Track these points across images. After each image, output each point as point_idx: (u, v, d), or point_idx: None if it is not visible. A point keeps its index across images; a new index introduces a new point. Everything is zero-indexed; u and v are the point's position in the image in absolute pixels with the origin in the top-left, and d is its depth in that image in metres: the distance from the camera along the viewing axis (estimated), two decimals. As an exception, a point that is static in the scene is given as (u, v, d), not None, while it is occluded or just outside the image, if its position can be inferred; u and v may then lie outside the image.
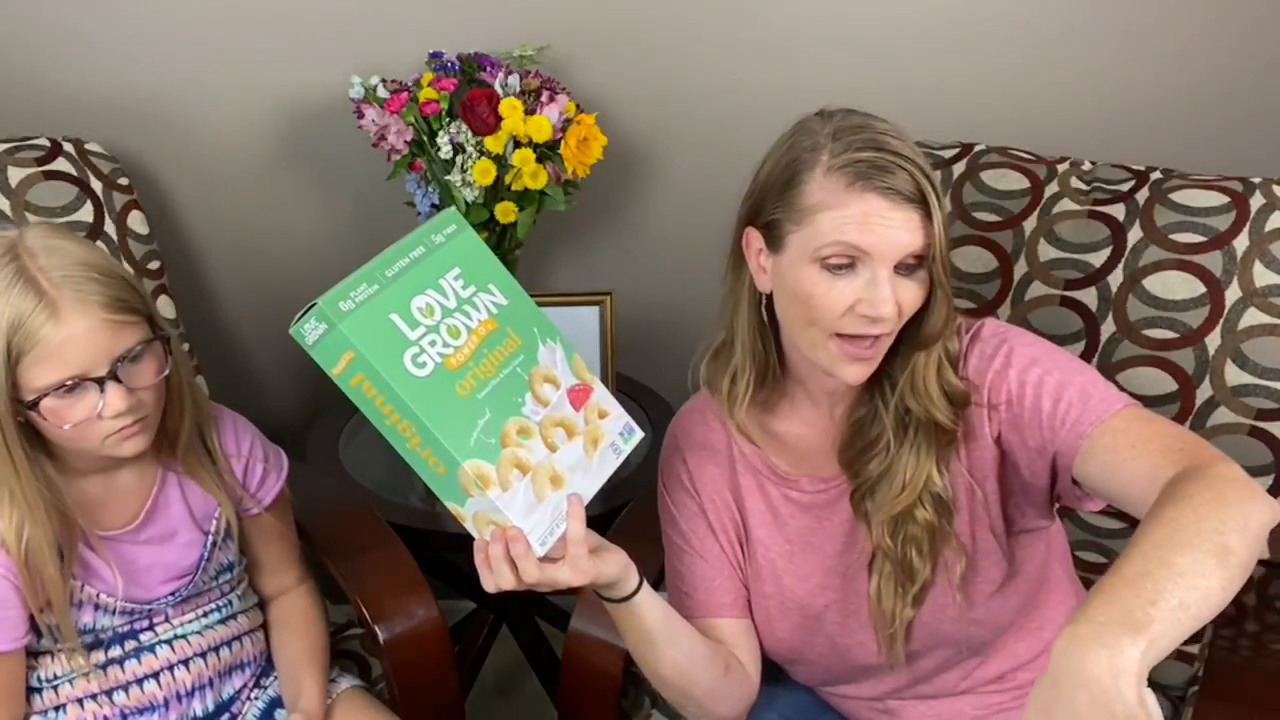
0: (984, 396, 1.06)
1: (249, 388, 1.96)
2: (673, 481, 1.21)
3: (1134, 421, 0.99)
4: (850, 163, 1.00)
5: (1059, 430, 1.01)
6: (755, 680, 1.19)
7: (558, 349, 1.01)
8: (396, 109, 1.61)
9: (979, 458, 1.08)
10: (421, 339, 0.91)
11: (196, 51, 1.75)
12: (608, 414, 1.03)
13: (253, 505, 1.28)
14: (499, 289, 0.99)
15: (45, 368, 1.04)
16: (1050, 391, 1.02)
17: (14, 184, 1.55)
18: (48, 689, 1.21)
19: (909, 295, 1.02)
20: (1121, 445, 0.97)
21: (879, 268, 1.00)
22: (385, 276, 0.92)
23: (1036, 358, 1.05)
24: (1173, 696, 1.39)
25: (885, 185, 0.99)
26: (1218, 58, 1.79)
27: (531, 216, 1.67)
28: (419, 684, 1.36)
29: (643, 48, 1.81)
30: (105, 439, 1.09)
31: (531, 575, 0.94)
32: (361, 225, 1.89)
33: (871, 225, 0.99)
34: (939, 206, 1.00)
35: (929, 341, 1.05)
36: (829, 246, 1.00)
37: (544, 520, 0.95)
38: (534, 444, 0.96)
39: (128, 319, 1.07)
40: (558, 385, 0.99)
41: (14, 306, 1.02)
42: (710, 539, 1.18)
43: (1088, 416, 1.00)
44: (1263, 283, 1.35)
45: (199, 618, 1.27)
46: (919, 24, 1.78)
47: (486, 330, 0.96)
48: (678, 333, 2.01)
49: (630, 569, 1.03)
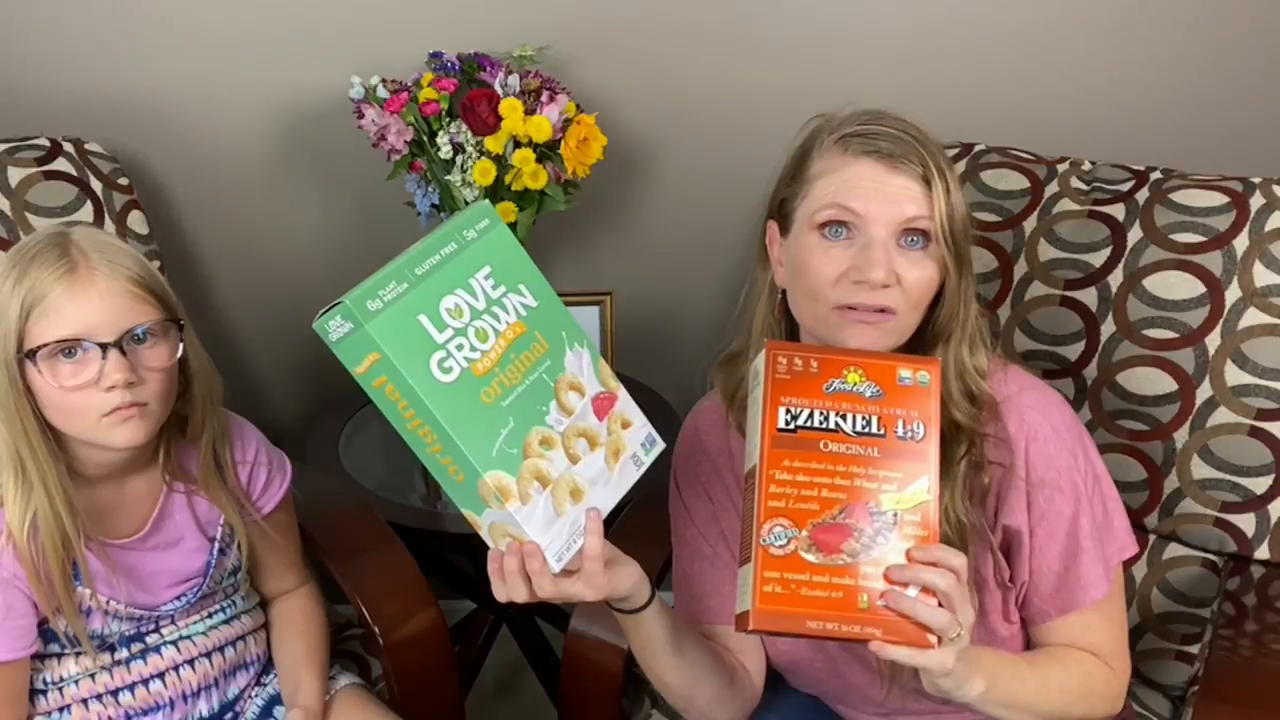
0: (1022, 466, 1.05)
1: (249, 387, 1.96)
2: (686, 484, 1.19)
3: (1095, 618, 1.09)
4: (852, 133, 1.01)
5: (1048, 592, 1.08)
6: (759, 687, 1.18)
7: (585, 354, 0.97)
8: (396, 109, 1.61)
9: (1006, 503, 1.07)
10: (449, 342, 0.88)
11: (196, 51, 1.75)
12: (631, 424, 0.99)
13: (256, 511, 1.27)
14: (529, 290, 0.95)
15: (50, 322, 1.04)
16: (1058, 552, 1.07)
17: (14, 184, 1.55)
18: (53, 690, 1.21)
19: (913, 271, 1.00)
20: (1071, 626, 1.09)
21: (874, 231, 0.99)
22: (415, 274, 0.88)
23: (1075, 486, 1.07)
24: (1173, 696, 1.39)
25: (880, 150, 0.99)
26: (1218, 57, 1.79)
27: (531, 216, 1.67)
28: (419, 684, 1.36)
29: (643, 48, 1.81)
30: (101, 417, 1.07)
31: (546, 590, 0.92)
32: (361, 225, 1.89)
33: (865, 187, 1.00)
34: (947, 184, 0.99)
35: (942, 332, 1.03)
36: (823, 210, 1.01)
37: (562, 535, 0.92)
38: (556, 455, 0.93)
39: (145, 296, 1.08)
40: (583, 393, 0.96)
41: (37, 264, 1.05)
42: (722, 545, 1.17)
43: (1073, 598, 1.07)
44: (1263, 283, 1.35)
45: (204, 619, 1.28)
46: (919, 24, 1.78)
47: (515, 334, 0.93)
48: (678, 333, 2.02)
49: (643, 582, 1.01)
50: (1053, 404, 1.09)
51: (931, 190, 0.99)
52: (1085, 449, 1.09)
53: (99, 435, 1.09)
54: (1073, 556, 1.06)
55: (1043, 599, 1.09)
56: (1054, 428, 1.06)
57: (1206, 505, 1.39)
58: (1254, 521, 1.37)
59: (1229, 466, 1.36)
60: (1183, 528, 1.41)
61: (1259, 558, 1.38)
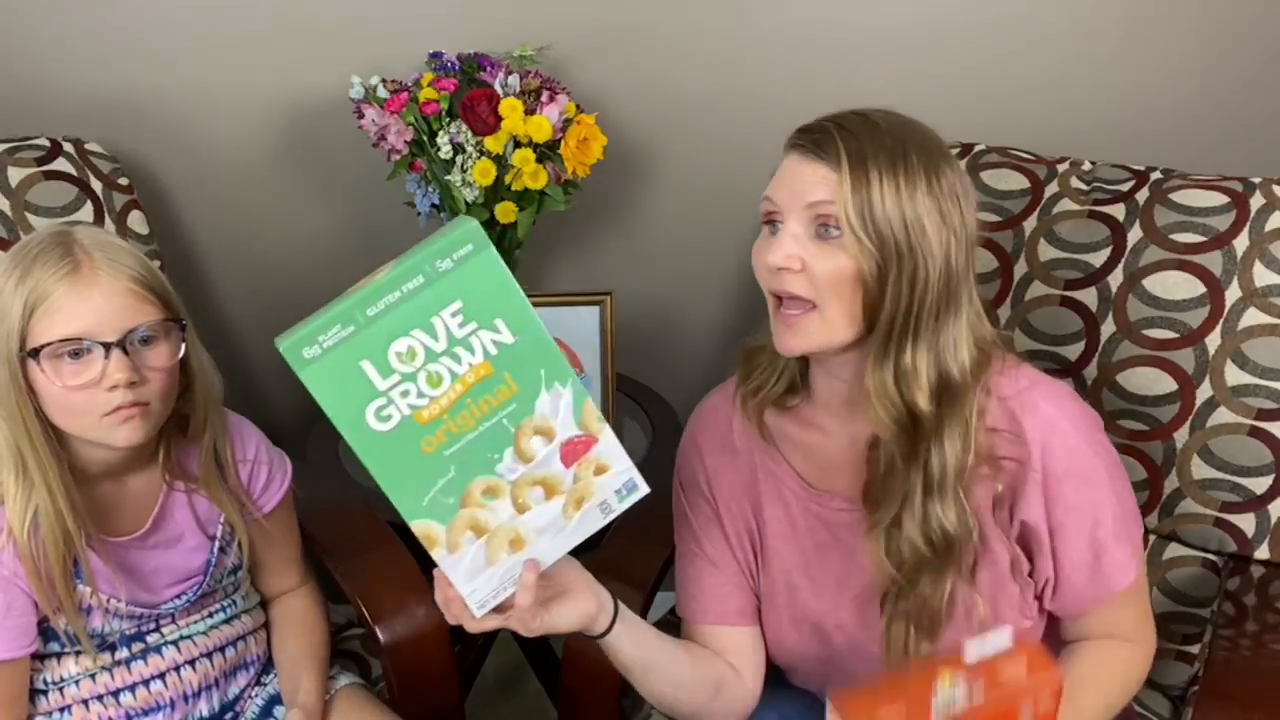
0: (1036, 460, 1.04)
1: (249, 387, 1.96)
2: (689, 482, 1.19)
3: (1127, 599, 1.10)
4: (797, 129, 1.02)
5: (1083, 582, 1.08)
6: (754, 691, 1.18)
7: (565, 395, 0.90)
8: (396, 109, 1.61)
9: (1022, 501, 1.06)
10: (392, 389, 0.85)
11: (196, 51, 1.75)
12: (607, 469, 0.94)
13: (257, 510, 1.27)
14: (508, 324, 0.87)
15: (54, 320, 1.05)
16: (1088, 543, 1.07)
17: (14, 184, 1.55)
18: (53, 690, 1.21)
19: (822, 260, 0.98)
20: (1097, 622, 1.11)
21: (786, 220, 1.00)
22: (365, 316, 0.83)
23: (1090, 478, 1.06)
24: (1173, 696, 1.39)
25: (803, 142, 1.00)
26: (1218, 57, 1.79)
27: (531, 216, 1.67)
28: (419, 684, 1.36)
29: (643, 48, 1.81)
30: (102, 417, 1.07)
31: (471, 628, 0.96)
32: (361, 225, 1.89)
33: (783, 178, 1.01)
34: (869, 173, 0.96)
35: (889, 328, 0.99)
36: (760, 206, 1.03)
37: (490, 583, 0.93)
38: (500, 504, 0.91)
39: (148, 296, 1.09)
40: (551, 438, 0.91)
41: (40, 263, 1.05)
42: (723, 545, 1.17)
43: (1109, 585, 1.08)
44: (1263, 283, 1.35)
45: (204, 618, 1.28)
46: (919, 24, 1.78)
47: (477, 376, 0.87)
48: (678, 333, 2.02)
49: (599, 615, 1.02)
50: (1066, 395, 1.08)
51: (841, 180, 0.97)
52: (1101, 435, 1.09)
53: (100, 434, 1.09)
54: (1103, 544, 1.06)
55: (1078, 590, 1.08)
56: (1071, 418, 1.05)
57: (1206, 505, 1.39)
58: (1254, 521, 1.37)
59: (1229, 466, 1.36)
60: (1183, 528, 1.41)
61: (1259, 558, 1.38)
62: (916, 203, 0.97)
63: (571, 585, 1.00)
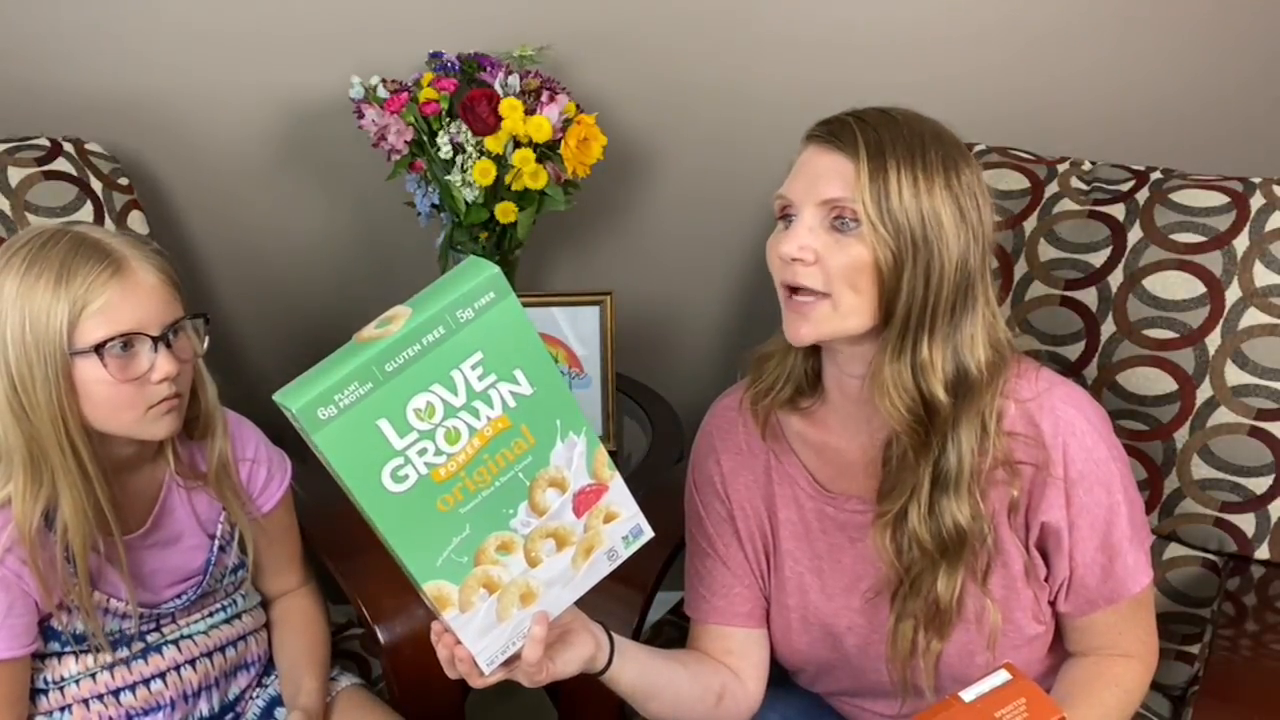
0: (1060, 462, 1.04)
1: (249, 387, 1.95)
2: (704, 482, 1.19)
3: (1133, 607, 1.10)
4: (815, 123, 1.02)
5: (1095, 583, 1.08)
6: (756, 695, 1.18)
7: (579, 443, 0.89)
8: (396, 109, 1.61)
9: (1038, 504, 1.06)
10: (409, 448, 0.82)
11: (196, 51, 1.75)
12: (616, 516, 0.93)
13: (256, 509, 1.27)
14: (527, 375, 0.85)
15: (106, 318, 1.05)
16: (1101, 544, 1.06)
17: (14, 184, 1.55)
18: (54, 690, 1.21)
19: (836, 252, 0.97)
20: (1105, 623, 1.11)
21: (801, 212, 0.99)
22: (384, 372, 0.79)
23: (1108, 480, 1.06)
24: (1173, 696, 1.39)
25: (819, 134, 1.00)
26: (1218, 57, 1.79)
27: (531, 216, 1.67)
28: (419, 684, 1.36)
29: (643, 48, 1.81)
30: (147, 409, 1.09)
31: (477, 685, 0.95)
32: (361, 225, 1.89)
33: (799, 171, 1.01)
34: (888, 166, 0.96)
35: (902, 322, 0.98)
36: (774, 201, 1.02)
37: (500, 639, 0.91)
38: (513, 559, 0.89)
39: (175, 291, 1.11)
40: (565, 488, 0.89)
41: (81, 265, 1.05)
42: (735, 546, 1.17)
43: (1120, 588, 1.08)
44: (1263, 283, 1.35)
45: (205, 618, 1.28)
46: (919, 24, 1.78)
47: (495, 430, 0.85)
48: (678, 333, 2.02)
49: (598, 654, 1.02)
50: (1083, 397, 1.08)
51: (859, 170, 0.96)
52: (1116, 439, 1.09)
53: (141, 428, 1.11)
54: (1117, 547, 1.06)
55: (1089, 591, 1.08)
56: (1088, 420, 1.05)
57: (1206, 505, 1.39)
58: (1254, 521, 1.37)
59: (1229, 466, 1.36)
60: (1183, 528, 1.41)
61: (1259, 558, 1.38)
62: (935, 197, 0.97)
63: (568, 627, 1.00)
